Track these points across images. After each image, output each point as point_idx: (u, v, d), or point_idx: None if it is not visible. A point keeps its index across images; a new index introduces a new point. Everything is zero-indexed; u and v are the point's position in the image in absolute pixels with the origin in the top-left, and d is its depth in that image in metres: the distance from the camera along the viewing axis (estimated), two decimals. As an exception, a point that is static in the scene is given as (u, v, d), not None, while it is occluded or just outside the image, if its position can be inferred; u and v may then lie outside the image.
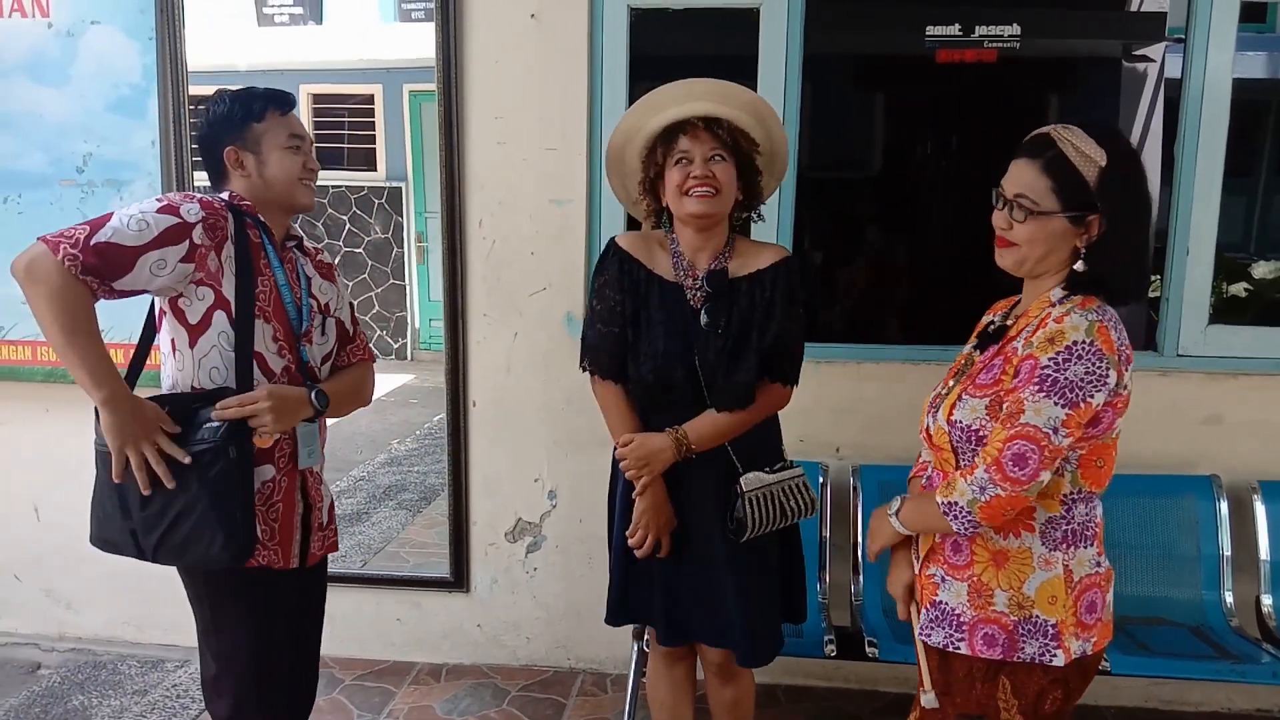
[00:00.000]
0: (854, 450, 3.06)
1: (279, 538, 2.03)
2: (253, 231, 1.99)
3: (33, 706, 3.10)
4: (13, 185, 3.19)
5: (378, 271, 8.60)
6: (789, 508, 2.13)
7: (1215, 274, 2.97)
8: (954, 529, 1.69)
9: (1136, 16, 3.66)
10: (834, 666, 3.10)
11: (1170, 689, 3.06)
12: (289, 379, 2.02)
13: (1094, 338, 1.59)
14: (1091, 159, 1.63)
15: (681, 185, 2.05)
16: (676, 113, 2.05)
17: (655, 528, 2.13)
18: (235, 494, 1.89)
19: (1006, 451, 1.60)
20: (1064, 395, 1.58)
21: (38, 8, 3.09)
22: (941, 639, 1.77)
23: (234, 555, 1.89)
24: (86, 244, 1.81)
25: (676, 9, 3.00)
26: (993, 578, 1.72)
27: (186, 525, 1.87)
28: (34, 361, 3.26)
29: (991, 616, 1.71)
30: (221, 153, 1.99)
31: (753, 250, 2.16)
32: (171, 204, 1.89)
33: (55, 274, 1.80)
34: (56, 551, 3.40)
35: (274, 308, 1.99)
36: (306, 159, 2.04)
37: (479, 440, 3.21)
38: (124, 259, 1.83)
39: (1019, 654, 1.69)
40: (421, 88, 8.04)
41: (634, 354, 2.13)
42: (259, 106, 2.00)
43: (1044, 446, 1.59)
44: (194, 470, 1.86)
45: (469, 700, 3.13)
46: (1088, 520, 1.72)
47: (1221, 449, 2.96)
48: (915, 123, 4.03)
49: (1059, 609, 1.68)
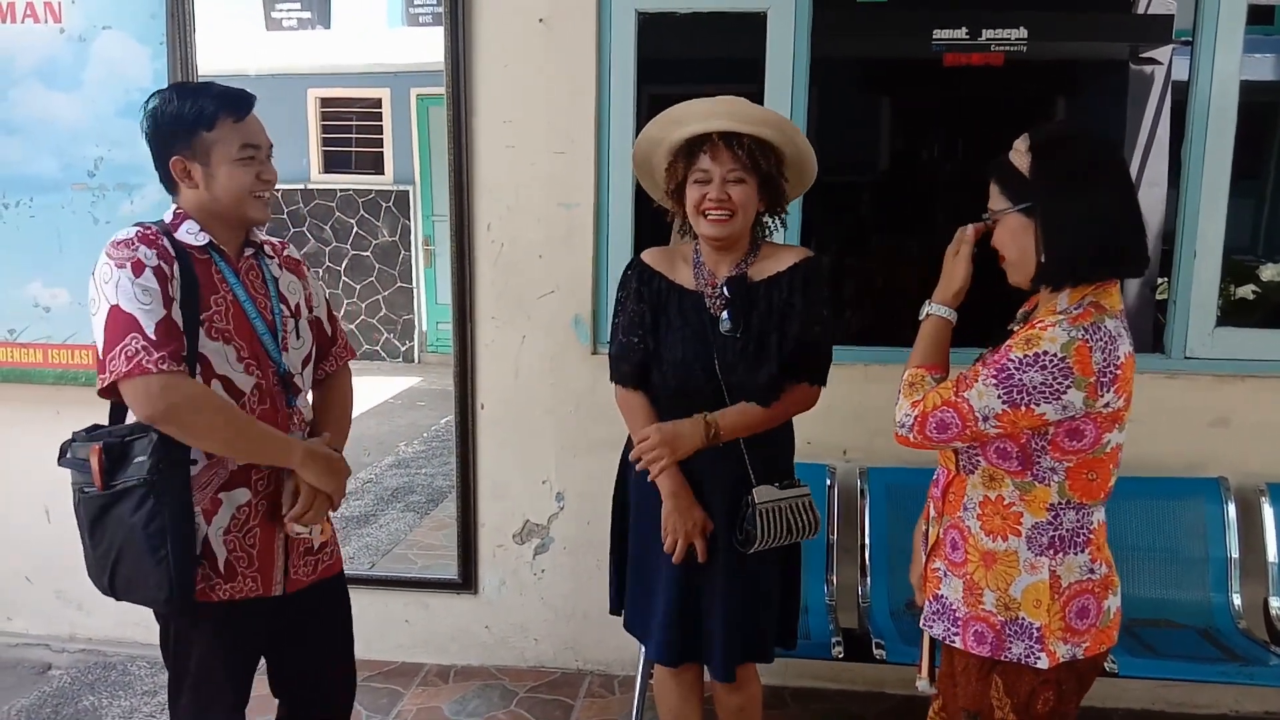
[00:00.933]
0: (861, 453, 3.07)
1: (257, 564, 1.94)
2: (197, 252, 1.89)
3: (44, 707, 3.11)
4: (25, 189, 3.21)
5: (385, 275, 8.62)
6: (795, 525, 2.14)
7: (1223, 276, 2.97)
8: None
9: (1143, 19, 3.66)
10: (841, 668, 3.10)
11: (1178, 691, 3.06)
12: (262, 395, 1.93)
13: (1068, 354, 1.60)
14: (1020, 152, 1.70)
15: (698, 205, 2.07)
16: (696, 128, 2.06)
17: (685, 531, 2.13)
18: (168, 533, 1.78)
19: (936, 413, 1.70)
20: (1010, 393, 1.62)
21: (50, 13, 3.11)
22: (941, 631, 1.82)
23: (168, 598, 1.80)
24: (151, 338, 1.75)
25: (684, 13, 3.01)
26: (983, 577, 1.76)
27: (125, 567, 1.82)
28: (45, 364, 3.28)
29: (981, 615, 1.75)
30: (168, 162, 1.88)
31: (775, 254, 2.17)
32: (134, 261, 1.80)
33: (172, 391, 1.76)
34: (67, 553, 3.38)
35: (235, 325, 1.90)
36: (261, 169, 1.91)
37: (487, 442, 3.22)
38: (174, 327, 1.79)
39: (1006, 653, 1.72)
40: (429, 91, 8.06)
41: (656, 362, 2.15)
42: (210, 112, 1.85)
43: (967, 425, 1.67)
44: (128, 507, 1.79)
45: (477, 701, 3.14)
46: (1079, 528, 1.72)
47: (1229, 451, 2.96)
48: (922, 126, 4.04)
49: (1043, 613, 1.70)
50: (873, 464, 3.04)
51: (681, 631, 2.21)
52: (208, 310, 1.87)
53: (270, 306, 1.98)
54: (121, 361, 1.75)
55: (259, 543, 1.94)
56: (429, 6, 8.89)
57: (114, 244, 1.83)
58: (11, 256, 3.24)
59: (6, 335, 3.29)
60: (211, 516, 1.89)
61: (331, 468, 1.97)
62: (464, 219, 3.09)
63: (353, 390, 2.23)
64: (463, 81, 3.01)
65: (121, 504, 1.80)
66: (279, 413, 1.97)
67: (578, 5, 2.97)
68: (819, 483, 3.00)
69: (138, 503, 1.78)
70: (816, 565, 2.95)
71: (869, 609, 2.90)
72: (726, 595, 2.17)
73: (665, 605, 2.20)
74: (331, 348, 2.18)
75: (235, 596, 1.91)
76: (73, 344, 3.25)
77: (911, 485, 2.97)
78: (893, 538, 2.95)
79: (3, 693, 3.21)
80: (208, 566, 1.88)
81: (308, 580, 2.05)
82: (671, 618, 2.20)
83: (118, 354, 1.76)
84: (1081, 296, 1.67)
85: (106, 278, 1.79)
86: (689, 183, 2.08)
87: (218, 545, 1.89)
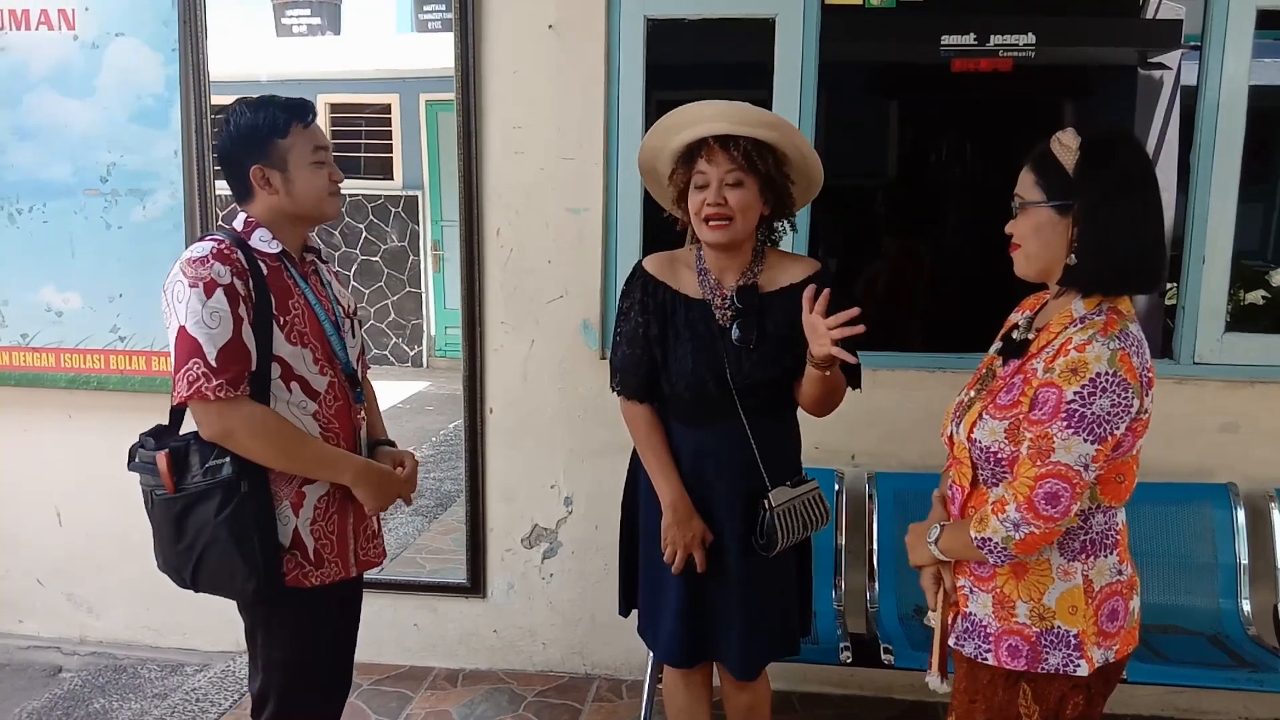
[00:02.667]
0: (870, 458, 3.07)
1: (337, 549, 2.04)
2: (270, 260, 1.97)
3: (54, 709, 3.13)
4: (38, 194, 3.23)
5: (394, 279, 8.65)
6: (809, 519, 2.15)
7: (1232, 281, 2.97)
8: (991, 561, 1.70)
9: (1152, 24, 3.65)
10: (849, 674, 3.10)
11: (1187, 697, 3.05)
12: (335, 394, 2.02)
13: (1117, 368, 1.58)
14: (1069, 148, 1.66)
15: (698, 212, 2.06)
16: (690, 134, 2.06)
17: (684, 543, 2.14)
18: (253, 528, 1.89)
19: (1039, 490, 1.60)
20: (1092, 431, 1.58)
21: (64, 20, 3.14)
22: (972, 650, 1.77)
23: (258, 588, 1.91)
24: (212, 364, 1.83)
25: (693, 19, 3.02)
26: (1014, 589, 1.72)
27: (212, 560, 1.91)
28: (58, 369, 3.30)
29: (1015, 628, 1.71)
30: (247, 172, 1.95)
31: (782, 263, 2.17)
32: (207, 281, 1.85)
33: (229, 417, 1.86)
34: (78, 556, 3.44)
35: (310, 328, 1.98)
36: (331, 170, 2.01)
37: (496, 447, 3.23)
38: (239, 348, 1.85)
39: (1042, 665, 1.69)
40: (438, 97, 8.10)
41: (665, 372, 2.15)
42: (283, 120, 1.94)
43: (1075, 484, 1.59)
44: (212, 506, 1.88)
45: (485, 705, 3.14)
46: (1107, 529, 1.72)
47: (1238, 457, 2.96)
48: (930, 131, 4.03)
49: (1080, 619, 1.68)
50: (881, 469, 3.04)
51: (691, 633, 2.21)
52: (287, 315, 1.94)
53: (332, 308, 2.06)
54: (184, 386, 1.85)
55: (337, 529, 2.05)
56: (438, 13, 8.93)
57: (189, 261, 1.88)
58: (24, 261, 3.27)
59: (19, 340, 3.31)
60: (299, 509, 1.98)
61: (384, 488, 2.07)
62: (473, 224, 3.11)
63: (375, 396, 2.30)
64: (472, 87, 3.03)
65: (205, 504, 1.89)
66: (350, 409, 2.07)
67: (587, 11, 2.98)
68: (827, 487, 2.99)
69: (221, 503, 1.88)
70: (824, 569, 2.95)
71: (877, 614, 2.90)
72: (744, 598, 2.17)
73: (675, 606, 2.20)
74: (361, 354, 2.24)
75: (325, 581, 2.02)
76: (85, 348, 3.27)
77: (920, 490, 2.94)
78: (901, 542, 2.93)
79: (14, 695, 3.23)
80: (300, 556, 1.98)
81: (375, 561, 2.18)
82: (681, 619, 2.20)
83: (181, 377, 1.85)
84: (1099, 303, 1.66)
85: (180, 296, 1.86)
86: (690, 189, 2.08)
87: (306, 535, 1.99)
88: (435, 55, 6.98)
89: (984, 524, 1.67)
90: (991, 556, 1.68)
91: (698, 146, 2.06)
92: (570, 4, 2.99)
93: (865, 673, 3.04)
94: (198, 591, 1.97)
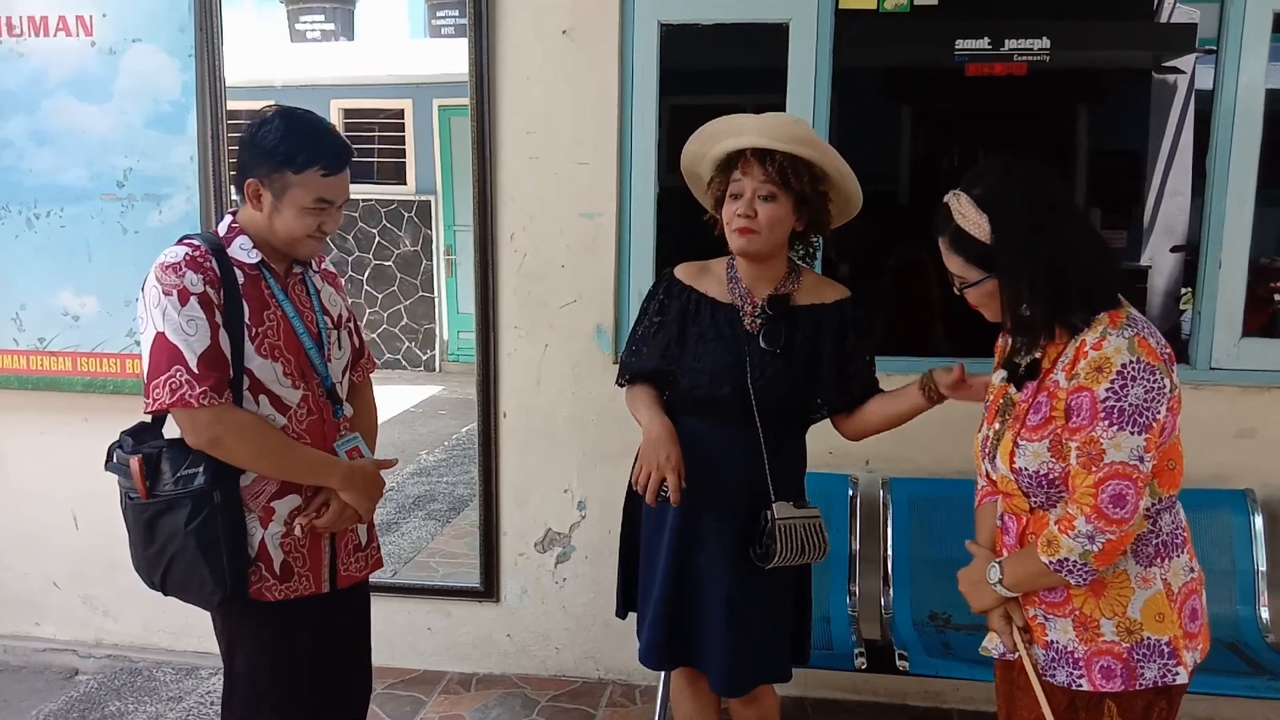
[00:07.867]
0: (884, 463, 3.06)
1: (309, 562, 2.01)
2: (248, 269, 1.94)
3: (70, 712, 3.15)
4: (55, 199, 3.26)
5: (407, 284, 8.67)
6: (808, 546, 2.12)
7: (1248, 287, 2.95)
8: (1073, 583, 1.65)
9: (1167, 28, 3.64)
10: (863, 680, 3.09)
11: (1205, 705, 3.02)
12: (308, 408, 1.99)
13: (1139, 354, 1.57)
14: (971, 219, 1.66)
15: (730, 221, 2.09)
16: (729, 144, 2.08)
17: (657, 463, 2.08)
18: (222, 540, 1.88)
19: (1103, 495, 1.57)
20: (1135, 421, 1.56)
21: (82, 27, 3.16)
22: (1064, 678, 1.70)
23: (223, 600, 1.90)
24: (194, 371, 1.82)
25: (707, 24, 3.03)
26: (1094, 608, 1.67)
27: (179, 569, 1.91)
28: (74, 372, 3.32)
29: (1103, 647, 1.66)
30: (244, 180, 1.92)
31: (817, 286, 2.21)
32: (180, 289, 1.84)
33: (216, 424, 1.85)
34: (94, 560, 3.45)
35: (285, 341, 1.96)
36: (324, 220, 1.94)
37: (509, 451, 3.24)
38: (218, 356, 1.85)
39: (1140, 681, 1.64)
40: (451, 102, 8.12)
41: (682, 369, 2.15)
42: (302, 160, 1.88)
43: (1136, 480, 1.57)
44: (182, 516, 1.87)
45: (498, 710, 3.15)
46: (1175, 528, 1.70)
47: (1256, 462, 2.94)
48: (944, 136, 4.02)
49: (1168, 625, 1.65)
50: (895, 474, 3.03)
51: (668, 635, 2.20)
52: (260, 326, 1.92)
53: (315, 320, 2.04)
54: (165, 392, 1.83)
55: (309, 542, 2.01)
56: (451, 18, 8.97)
57: (162, 267, 1.87)
58: (42, 265, 3.29)
59: (36, 343, 3.33)
60: (268, 522, 1.96)
61: (370, 490, 2.05)
62: (487, 229, 3.11)
63: (375, 404, 2.28)
64: (486, 92, 3.04)
65: (175, 513, 1.89)
66: (326, 423, 2.03)
67: (601, 17, 2.99)
68: (841, 493, 3.00)
69: (190, 513, 1.87)
70: (838, 576, 2.95)
71: (892, 620, 2.89)
72: (729, 610, 2.14)
73: (657, 609, 2.20)
74: (359, 360, 2.22)
75: (290, 596, 1.98)
76: (101, 352, 3.29)
77: (934, 496, 2.97)
78: (915, 548, 2.94)
79: (30, 698, 3.25)
80: (264, 569, 1.95)
81: (359, 575, 2.13)
82: (660, 623, 2.19)
83: (162, 384, 1.83)
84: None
85: (155, 302, 1.85)
86: (726, 196, 2.10)
87: (274, 549, 1.96)
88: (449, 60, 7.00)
89: (1054, 546, 1.62)
90: (1072, 577, 1.63)
91: (736, 156, 2.08)
92: (584, 9, 3.00)
93: (879, 679, 3.02)
94: (167, 595, 1.98)
